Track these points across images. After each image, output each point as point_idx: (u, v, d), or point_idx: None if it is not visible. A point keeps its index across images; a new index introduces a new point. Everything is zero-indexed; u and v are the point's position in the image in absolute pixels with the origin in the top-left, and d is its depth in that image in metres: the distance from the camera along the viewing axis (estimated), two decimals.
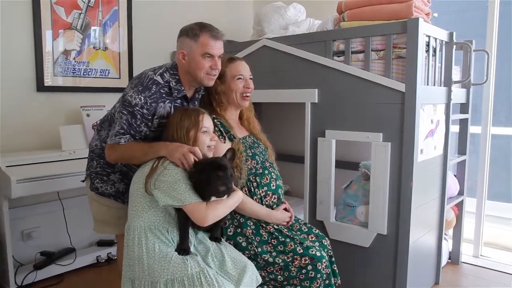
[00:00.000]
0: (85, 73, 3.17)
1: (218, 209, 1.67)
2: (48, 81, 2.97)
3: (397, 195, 2.33)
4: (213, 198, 1.66)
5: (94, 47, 3.21)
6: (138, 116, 1.77)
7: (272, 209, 1.98)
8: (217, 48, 1.83)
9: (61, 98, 3.05)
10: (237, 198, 1.75)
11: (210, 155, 1.77)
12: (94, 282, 2.86)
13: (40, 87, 2.94)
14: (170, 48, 3.46)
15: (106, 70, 3.29)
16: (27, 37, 2.87)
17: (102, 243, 3.22)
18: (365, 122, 2.43)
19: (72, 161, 2.75)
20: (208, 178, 1.62)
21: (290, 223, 2.04)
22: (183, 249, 1.66)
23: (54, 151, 2.84)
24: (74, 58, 3.10)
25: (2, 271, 2.73)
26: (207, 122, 1.77)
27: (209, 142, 1.76)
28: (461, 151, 3.08)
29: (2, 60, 2.76)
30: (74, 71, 3.10)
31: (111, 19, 3.28)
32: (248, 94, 2.01)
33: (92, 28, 3.18)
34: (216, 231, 1.83)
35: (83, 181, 2.12)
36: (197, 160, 1.66)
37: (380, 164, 2.37)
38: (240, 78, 1.98)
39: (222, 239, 1.84)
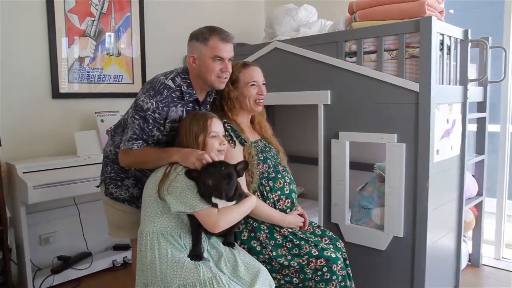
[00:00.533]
0: (99, 79, 3.20)
1: (230, 215, 1.66)
2: (63, 88, 3.01)
3: (413, 197, 2.29)
4: (222, 202, 1.64)
5: (107, 53, 3.24)
6: (150, 121, 1.78)
7: (286, 213, 1.97)
8: (227, 51, 1.83)
9: (76, 104, 3.09)
10: (250, 204, 1.74)
11: (221, 159, 1.77)
12: (110, 286, 2.88)
13: (56, 94, 2.98)
14: (183, 52, 3.44)
15: (120, 75, 3.32)
16: (42, 45, 2.91)
17: (118, 247, 3.25)
18: (379, 123, 2.39)
19: (87, 167, 2.79)
20: (209, 186, 1.61)
21: (305, 228, 2.02)
22: (195, 255, 1.65)
23: (70, 156, 2.88)
24: (88, 65, 3.14)
25: (21, 275, 2.77)
26: (216, 126, 1.76)
27: (218, 147, 1.76)
28: (479, 150, 3.01)
29: (18, 68, 2.81)
30: (88, 77, 3.14)
31: (124, 25, 3.32)
32: (261, 100, 2.01)
33: (105, 34, 3.22)
34: (229, 236, 1.82)
35: (98, 186, 2.14)
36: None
37: (395, 165, 2.33)
38: (254, 85, 1.98)
39: (236, 244, 1.83)
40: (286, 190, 1.99)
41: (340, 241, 2.05)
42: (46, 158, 2.87)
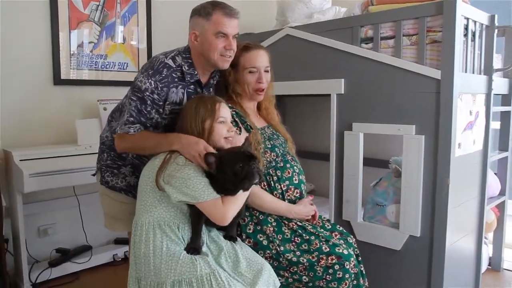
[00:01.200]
0: (102, 66, 3.09)
1: (236, 203, 1.55)
2: (65, 74, 2.90)
3: (432, 194, 2.13)
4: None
5: (112, 40, 3.12)
6: (149, 102, 1.65)
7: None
8: (232, 26, 1.68)
9: (78, 91, 2.98)
10: None
11: (228, 146, 1.63)
12: (110, 281, 2.77)
13: (57, 80, 2.87)
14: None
15: (125, 63, 3.20)
16: (43, 30, 2.81)
17: (119, 241, 3.14)
18: (396, 113, 2.24)
19: (87, 156, 2.65)
20: (239, 172, 1.49)
21: (315, 221, 1.87)
22: (193, 247, 1.52)
23: (70, 145, 2.77)
24: (92, 51, 3.02)
25: (17, 267, 2.67)
26: (224, 111, 1.62)
27: (226, 133, 1.62)
28: (503, 147, 2.83)
29: (19, 53, 2.71)
30: (91, 64, 3.03)
31: (130, 11, 3.20)
32: (262, 88, 1.84)
33: (110, 20, 3.10)
34: (231, 229, 1.69)
35: (93, 174, 2.02)
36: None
37: (412, 159, 2.17)
38: (252, 71, 1.82)
39: (238, 238, 1.69)
40: (295, 180, 1.84)
41: (351, 236, 1.90)
42: (45, 146, 2.77)
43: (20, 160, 2.46)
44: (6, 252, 2.54)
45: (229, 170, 1.50)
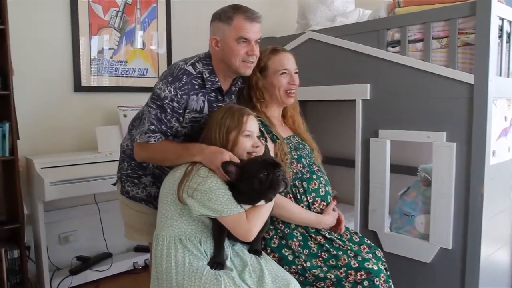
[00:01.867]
0: (122, 73, 3.07)
1: (261, 218, 1.47)
2: (85, 81, 2.90)
3: (465, 204, 2.03)
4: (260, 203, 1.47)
5: (132, 46, 3.10)
6: (168, 110, 1.60)
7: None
8: (254, 31, 1.61)
9: (98, 98, 2.97)
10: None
11: None
12: None
13: (77, 87, 2.87)
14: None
15: (144, 69, 3.18)
16: (64, 37, 2.81)
17: (139, 249, 3.11)
18: (425, 120, 2.14)
19: (108, 163, 2.64)
20: (264, 180, 1.42)
21: (343, 229, 1.79)
22: (216, 262, 1.46)
23: (90, 152, 2.76)
24: (112, 57, 3.01)
25: (39, 275, 2.67)
26: (251, 125, 1.55)
27: (250, 148, 1.54)
28: None
29: (39, 60, 2.71)
30: (111, 70, 3.02)
31: (150, 16, 3.18)
32: (293, 91, 1.79)
33: (130, 26, 3.08)
34: (256, 243, 1.61)
35: (114, 184, 1.98)
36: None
37: (443, 167, 2.07)
38: (285, 73, 1.76)
39: (263, 252, 1.62)
40: (322, 192, 1.76)
41: (379, 249, 1.82)
42: (66, 153, 2.77)
43: (41, 168, 2.46)
44: (28, 259, 2.54)
45: (253, 179, 1.43)
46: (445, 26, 2.09)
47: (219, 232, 1.50)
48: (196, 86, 1.64)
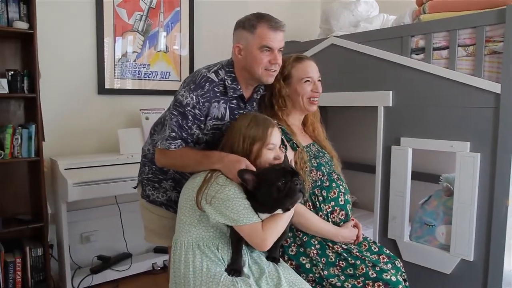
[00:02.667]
0: (145, 76, 3.11)
1: (277, 228, 1.46)
2: (109, 84, 2.94)
3: (488, 215, 1.99)
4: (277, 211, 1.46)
5: (155, 49, 3.14)
6: (190, 117, 1.61)
7: (339, 226, 1.74)
8: (277, 40, 1.61)
9: (121, 100, 3.02)
10: (293, 209, 1.52)
11: None
12: None
13: (101, 89, 2.91)
14: None
15: (167, 72, 3.22)
16: (89, 40, 2.86)
17: (158, 250, 3.13)
18: (449, 129, 2.11)
19: (129, 165, 2.68)
20: (281, 188, 1.41)
21: (358, 241, 1.78)
22: (234, 269, 1.46)
23: (112, 154, 2.80)
24: (135, 61, 3.05)
25: (61, 273, 2.73)
26: (275, 138, 1.55)
27: (272, 160, 1.54)
28: None
29: (65, 62, 2.77)
30: (134, 73, 3.06)
31: (173, 20, 3.21)
32: (316, 99, 1.79)
33: (154, 29, 3.12)
34: (274, 251, 1.61)
35: (135, 187, 2.00)
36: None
37: (466, 178, 2.04)
38: (308, 81, 1.76)
39: (281, 260, 1.62)
40: (341, 201, 1.75)
41: (399, 260, 1.79)
42: (89, 155, 2.82)
43: (65, 169, 2.50)
44: (50, 257, 2.60)
45: (270, 187, 1.43)
46: (471, 34, 2.06)
47: (237, 240, 1.50)
48: (218, 94, 1.65)
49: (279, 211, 1.47)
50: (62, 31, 2.73)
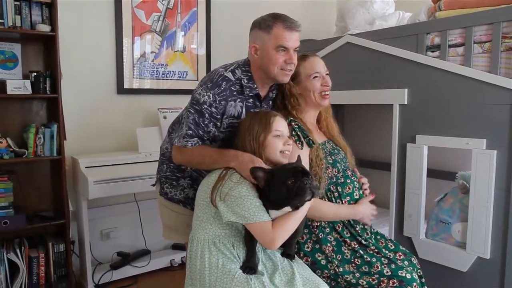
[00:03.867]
0: (163, 75, 3.17)
1: (287, 228, 1.48)
2: (127, 84, 3.01)
3: (505, 213, 1.97)
4: (286, 209, 1.48)
5: (172, 49, 3.20)
6: (206, 115, 1.65)
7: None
8: (293, 40, 1.63)
9: (139, 100, 3.08)
10: (305, 208, 1.54)
11: (284, 162, 1.59)
12: (167, 285, 2.83)
13: (120, 89, 2.98)
14: None
15: (184, 72, 3.27)
16: (109, 41, 2.93)
17: (176, 247, 3.19)
18: (465, 126, 2.10)
19: (147, 163, 2.74)
20: (291, 187, 1.44)
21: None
22: (249, 266, 1.49)
23: (131, 152, 2.86)
24: (153, 60, 3.11)
25: (82, 268, 2.80)
26: (279, 124, 1.58)
27: (282, 147, 1.57)
28: None
29: (85, 63, 2.84)
30: (152, 73, 3.12)
31: (190, 20, 3.26)
32: (327, 92, 1.80)
33: (171, 30, 3.17)
34: (289, 247, 1.63)
35: (153, 185, 2.05)
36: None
37: (482, 175, 2.03)
38: (317, 76, 1.78)
39: (295, 257, 1.64)
40: (356, 195, 1.77)
41: (415, 256, 1.80)
42: (108, 153, 2.89)
43: (85, 167, 2.58)
44: (72, 253, 2.67)
45: (280, 185, 1.45)
46: (488, 30, 2.04)
47: (251, 237, 1.52)
48: (235, 92, 1.69)
49: (288, 208, 1.48)
50: (82, 33, 2.81)
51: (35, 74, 2.47)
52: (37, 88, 2.45)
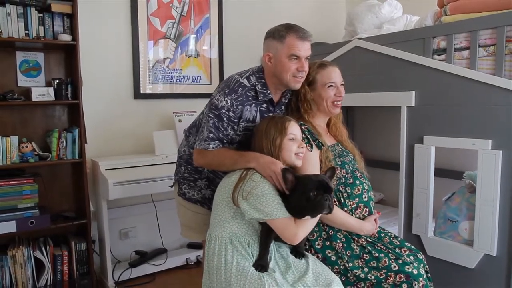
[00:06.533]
0: (178, 80, 3.28)
1: (308, 224, 1.59)
2: (143, 89, 3.12)
3: (510, 211, 2.04)
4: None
5: (186, 55, 3.30)
6: (225, 119, 1.75)
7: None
8: (304, 49, 1.74)
9: (155, 104, 3.19)
10: None
11: (298, 163, 1.69)
12: (184, 283, 2.92)
13: (137, 94, 3.10)
14: (261, 53, 3.43)
15: (198, 76, 3.37)
16: (125, 47, 3.04)
17: (192, 246, 3.30)
18: (471, 127, 2.16)
19: (164, 166, 2.85)
20: (311, 199, 1.53)
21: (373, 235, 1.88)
22: (260, 264, 1.58)
23: (148, 155, 2.97)
24: (168, 66, 3.22)
25: (102, 266, 2.92)
26: (294, 129, 1.68)
27: (296, 149, 1.67)
28: None
29: (103, 69, 2.96)
30: (167, 78, 3.23)
31: (203, 26, 3.36)
32: (339, 102, 1.89)
33: (185, 36, 3.28)
34: (300, 245, 1.71)
35: (171, 186, 2.16)
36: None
37: (488, 175, 2.09)
38: (332, 86, 1.87)
39: (306, 254, 1.73)
40: (365, 197, 1.85)
41: (421, 252, 1.87)
42: (127, 156, 3.00)
43: (105, 170, 2.69)
44: (93, 252, 2.79)
45: (302, 195, 1.54)
46: (492, 34, 2.10)
47: (266, 236, 1.61)
48: (250, 98, 1.79)
49: (307, 217, 1.57)
50: (101, 42, 2.93)
51: (57, 81, 2.59)
52: (59, 94, 2.57)
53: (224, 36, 3.45)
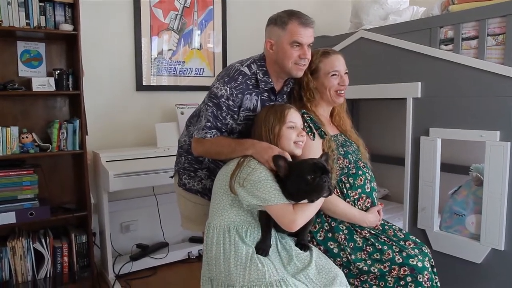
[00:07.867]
0: (180, 72, 3.25)
1: (307, 211, 1.54)
2: (146, 81, 3.09)
3: None
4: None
5: (189, 47, 3.27)
6: (224, 108, 1.71)
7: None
8: (307, 36, 1.69)
9: (157, 96, 3.16)
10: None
11: (298, 152, 1.65)
12: (185, 277, 2.90)
13: (139, 86, 3.07)
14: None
15: (201, 68, 3.34)
16: (128, 39, 3.02)
17: (194, 240, 3.27)
18: (478, 118, 2.11)
19: (166, 158, 2.81)
20: (309, 182, 1.49)
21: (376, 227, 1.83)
22: (262, 248, 1.55)
23: (150, 147, 2.95)
24: (170, 58, 3.19)
25: (103, 259, 2.90)
26: (293, 117, 1.64)
27: (296, 138, 1.63)
28: None
29: (106, 61, 2.94)
30: (170, 70, 3.20)
31: (206, 18, 3.32)
32: (343, 91, 1.84)
33: (188, 28, 3.24)
34: (303, 237, 1.68)
35: (171, 177, 2.12)
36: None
37: (496, 167, 2.04)
38: (335, 74, 1.82)
39: (310, 246, 1.68)
40: (367, 188, 1.80)
41: (426, 246, 1.83)
42: (128, 147, 2.98)
43: (106, 161, 2.67)
44: (93, 244, 2.76)
45: (300, 178, 1.50)
46: (501, 23, 2.06)
47: (267, 219, 1.57)
48: (250, 86, 1.75)
49: (304, 201, 1.54)
50: (103, 32, 2.90)
51: (58, 72, 2.56)
52: (60, 85, 2.54)
53: (228, 28, 3.42)
